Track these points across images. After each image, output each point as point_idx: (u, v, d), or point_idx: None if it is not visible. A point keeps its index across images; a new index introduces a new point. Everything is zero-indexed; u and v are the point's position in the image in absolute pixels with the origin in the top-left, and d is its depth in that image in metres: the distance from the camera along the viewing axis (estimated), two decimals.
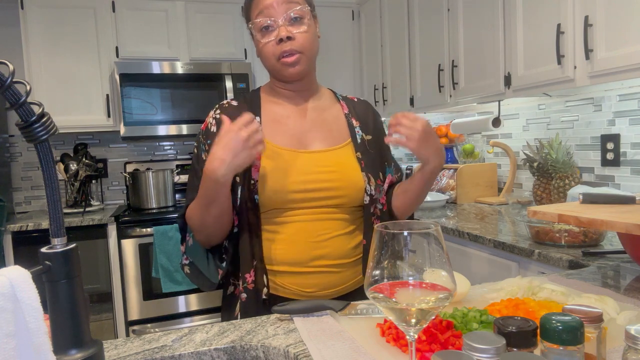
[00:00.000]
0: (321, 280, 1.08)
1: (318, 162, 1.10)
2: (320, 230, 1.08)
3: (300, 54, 1.09)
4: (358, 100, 1.27)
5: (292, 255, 1.07)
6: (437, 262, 0.54)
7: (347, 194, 1.10)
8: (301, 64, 1.10)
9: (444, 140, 3.07)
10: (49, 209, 0.54)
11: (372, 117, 1.24)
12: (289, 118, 1.15)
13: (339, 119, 1.19)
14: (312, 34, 1.12)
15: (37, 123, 0.51)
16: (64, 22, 3.08)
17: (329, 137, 1.15)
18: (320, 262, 1.08)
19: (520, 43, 2.07)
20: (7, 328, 0.46)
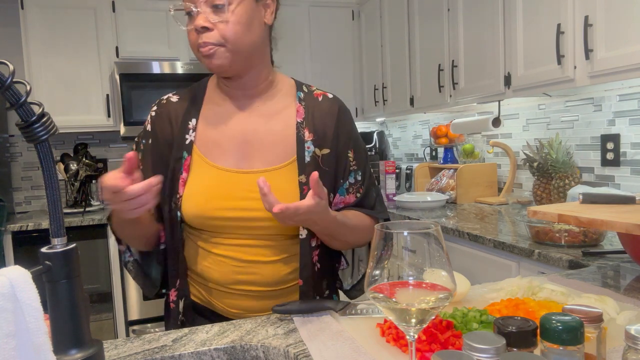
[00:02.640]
0: (247, 303, 0.99)
1: (250, 186, 0.95)
2: (247, 255, 0.97)
3: (219, 47, 0.92)
4: (323, 100, 1.05)
5: (217, 274, 0.99)
6: (437, 262, 0.54)
7: (277, 225, 0.95)
8: (221, 58, 0.93)
9: (444, 140, 3.07)
10: (49, 209, 0.54)
11: (336, 123, 1.03)
12: (227, 125, 1.01)
13: (287, 129, 1.01)
14: (243, 25, 0.92)
15: (37, 123, 0.51)
16: (64, 22, 3.08)
17: (270, 153, 0.99)
18: (244, 287, 0.98)
19: (520, 43, 2.07)
20: (7, 328, 0.46)
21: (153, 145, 1.03)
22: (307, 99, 1.05)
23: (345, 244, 1.05)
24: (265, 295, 1.00)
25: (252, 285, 0.99)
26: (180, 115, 1.03)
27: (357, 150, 1.07)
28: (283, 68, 1.12)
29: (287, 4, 3.52)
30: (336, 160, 1.03)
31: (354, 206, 1.06)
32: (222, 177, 0.98)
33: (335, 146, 1.02)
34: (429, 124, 3.46)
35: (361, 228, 1.03)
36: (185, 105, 1.04)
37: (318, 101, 1.05)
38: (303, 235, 0.97)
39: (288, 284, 1.01)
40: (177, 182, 0.98)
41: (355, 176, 1.05)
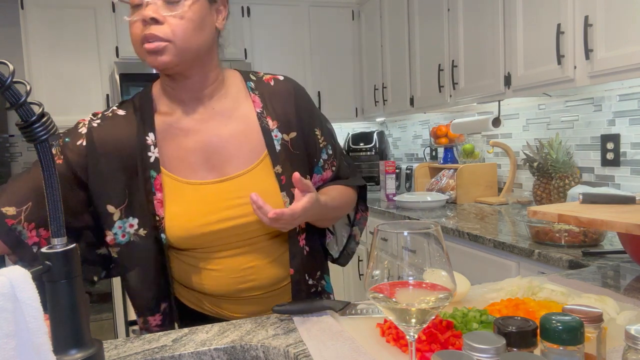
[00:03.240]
0: (256, 307, 0.99)
1: (229, 193, 0.93)
2: (243, 263, 0.95)
3: (168, 43, 0.85)
4: (275, 83, 1.02)
5: (219, 287, 0.96)
6: (437, 262, 0.54)
7: (264, 226, 0.93)
8: (167, 55, 0.86)
9: (444, 140, 3.07)
10: (49, 209, 0.54)
11: (294, 104, 1.01)
12: (188, 136, 0.95)
13: (249, 125, 0.98)
14: (195, 23, 0.87)
15: (37, 123, 0.51)
16: (64, 22, 3.08)
17: (239, 155, 0.96)
18: (249, 294, 0.98)
19: (520, 43, 2.07)
20: (7, 328, 0.46)
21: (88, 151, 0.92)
22: (259, 87, 1.01)
23: (333, 221, 1.07)
24: (271, 295, 1.00)
25: (254, 291, 0.98)
26: (133, 130, 0.94)
27: (322, 126, 1.06)
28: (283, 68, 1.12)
29: (287, 4, 3.54)
30: (305, 141, 1.01)
31: (330, 180, 1.07)
32: (199, 192, 0.93)
33: (300, 128, 1.01)
34: (429, 124, 3.46)
35: (345, 202, 1.04)
36: (135, 120, 0.95)
37: (270, 86, 1.02)
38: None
39: (287, 281, 1.01)
40: (151, 203, 0.92)
41: (326, 152, 1.06)
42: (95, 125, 0.94)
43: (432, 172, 3.13)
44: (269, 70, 1.11)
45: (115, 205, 0.92)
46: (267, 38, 3.51)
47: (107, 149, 0.92)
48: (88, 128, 0.94)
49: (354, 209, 1.16)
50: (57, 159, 0.91)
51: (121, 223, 0.92)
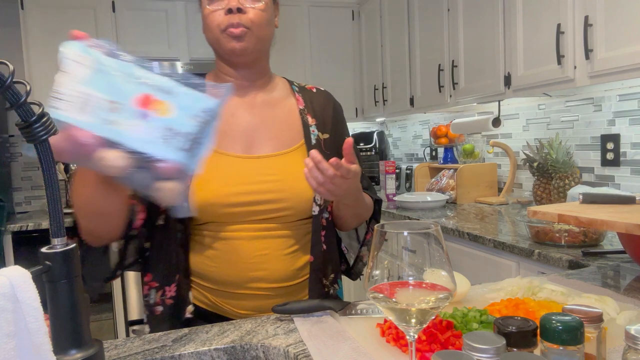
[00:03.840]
0: (258, 303, 0.98)
1: (262, 169, 0.98)
2: (258, 249, 0.97)
3: (249, 30, 0.96)
4: (317, 92, 1.14)
5: (224, 275, 0.97)
6: (437, 262, 0.54)
7: (292, 206, 0.98)
8: (247, 41, 0.97)
9: (444, 140, 3.07)
10: (49, 209, 0.54)
11: (332, 112, 1.12)
12: (234, 115, 1.03)
13: (292, 116, 1.07)
14: (268, 16, 0.99)
15: (37, 123, 0.51)
16: (64, 22, 3.08)
17: (278, 139, 1.03)
18: (256, 285, 0.97)
19: (520, 43, 2.07)
20: (7, 328, 0.46)
21: None
22: (302, 92, 1.13)
23: (355, 219, 1.10)
24: (276, 294, 0.99)
25: (263, 282, 0.98)
26: None
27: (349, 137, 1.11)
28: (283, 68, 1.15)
29: (287, 4, 3.53)
30: (336, 146, 1.08)
31: None
32: (234, 164, 0.98)
33: (333, 132, 1.10)
34: (429, 124, 3.46)
35: (368, 204, 1.11)
36: None
37: (313, 92, 1.14)
38: (315, 211, 1.02)
39: (297, 280, 1.01)
40: None
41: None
42: None
43: (432, 172, 3.13)
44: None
45: None
46: None
47: None
48: None
49: (365, 228, 1.17)
50: None
51: None
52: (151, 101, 0.52)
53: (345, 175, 0.86)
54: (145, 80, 0.53)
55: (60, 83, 0.52)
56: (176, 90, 0.53)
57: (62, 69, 0.52)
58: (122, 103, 0.51)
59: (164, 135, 0.51)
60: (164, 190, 0.53)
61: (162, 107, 0.52)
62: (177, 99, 0.53)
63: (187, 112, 0.53)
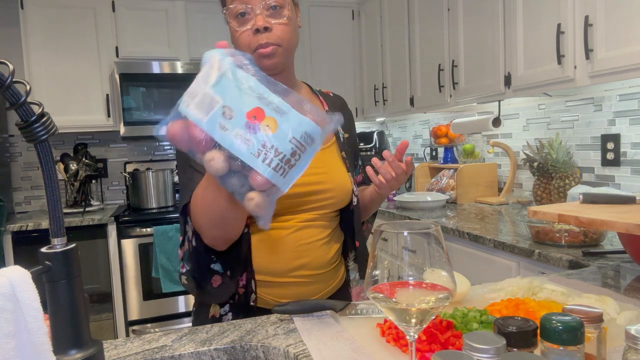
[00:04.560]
0: (297, 291, 1.04)
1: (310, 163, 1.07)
2: (302, 239, 1.04)
3: (278, 47, 1.00)
4: (334, 96, 1.24)
5: (273, 265, 1.02)
6: (437, 262, 0.54)
7: (336, 196, 1.07)
8: (278, 57, 1.01)
9: (444, 140, 3.07)
10: (49, 209, 0.54)
11: (348, 115, 1.24)
12: None
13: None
14: (292, 25, 1.02)
15: (37, 123, 0.51)
16: (64, 22, 3.08)
17: None
18: (299, 273, 1.03)
19: (520, 43, 2.07)
20: (7, 328, 0.46)
21: None
22: (322, 95, 1.21)
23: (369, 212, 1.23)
24: (314, 280, 1.06)
25: (305, 270, 1.04)
26: None
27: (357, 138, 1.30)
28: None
29: None
30: (352, 144, 1.22)
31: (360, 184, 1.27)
32: None
33: (350, 133, 1.22)
34: (429, 124, 3.46)
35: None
36: None
37: (330, 96, 1.23)
38: (355, 202, 1.11)
39: (330, 267, 1.09)
40: None
41: (360, 159, 1.28)
42: None
43: (432, 172, 3.13)
44: None
45: None
46: None
47: None
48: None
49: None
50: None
51: None
52: (262, 116, 0.56)
53: (408, 172, 1.03)
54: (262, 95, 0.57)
55: (196, 81, 0.58)
56: (287, 111, 0.57)
57: (201, 70, 0.59)
58: (236, 112, 0.56)
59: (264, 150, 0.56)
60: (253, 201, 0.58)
61: (270, 123, 0.56)
62: (285, 120, 0.57)
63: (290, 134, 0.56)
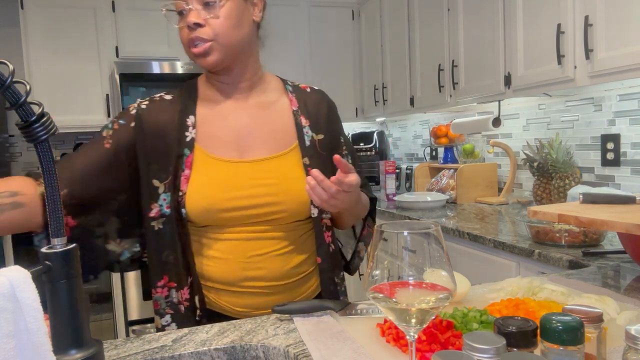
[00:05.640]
0: (254, 300, 1.00)
1: (256, 173, 0.99)
2: (253, 250, 0.99)
3: (212, 42, 0.95)
4: (311, 91, 1.13)
5: (222, 274, 0.99)
6: (437, 262, 0.54)
7: (287, 209, 0.99)
8: (214, 54, 0.96)
9: (444, 140, 3.07)
10: (49, 209, 0.54)
11: (326, 112, 1.11)
12: (226, 118, 1.03)
13: (285, 117, 1.06)
14: (234, 20, 0.96)
15: (37, 123, 0.51)
16: (64, 22, 3.08)
17: (272, 141, 1.03)
18: (252, 283, 0.99)
19: (520, 43, 2.07)
20: (7, 328, 0.46)
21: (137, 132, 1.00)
22: (296, 91, 1.11)
23: (353, 219, 1.12)
24: (273, 291, 1.01)
25: (260, 281, 0.99)
26: (176, 114, 1.02)
27: (345, 137, 1.17)
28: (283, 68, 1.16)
29: (287, 4, 3.53)
30: (331, 145, 1.09)
31: None
32: (229, 169, 0.99)
33: (328, 132, 1.10)
34: (429, 124, 3.46)
35: (365, 203, 1.12)
36: (180, 104, 1.04)
37: (307, 92, 1.12)
38: (315, 213, 1.02)
39: (294, 278, 1.02)
40: (178, 179, 0.98)
41: (347, 160, 1.13)
42: (143, 107, 1.02)
43: (432, 172, 3.13)
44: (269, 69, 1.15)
45: (160, 180, 0.98)
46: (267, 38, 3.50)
47: (153, 129, 1.00)
48: (137, 110, 1.02)
49: (361, 223, 1.20)
50: (105, 143, 0.99)
51: (166, 196, 0.98)
52: None
53: (347, 190, 0.89)
54: None
55: None
56: None
57: None
58: None
59: None
60: None
61: None
62: None
63: None
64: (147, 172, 0.99)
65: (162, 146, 0.99)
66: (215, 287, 1.01)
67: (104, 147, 0.99)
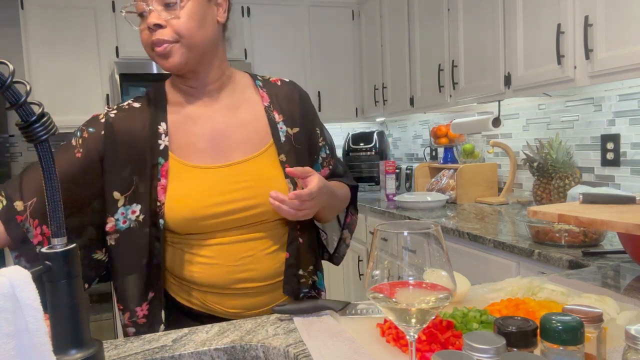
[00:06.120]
0: (246, 302, 1.00)
1: (233, 177, 0.98)
2: (241, 252, 0.98)
3: (174, 44, 0.93)
4: (282, 84, 1.11)
5: (212, 278, 0.98)
6: (437, 262, 0.54)
7: (267, 210, 0.97)
8: (176, 55, 0.93)
9: (444, 140, 3.07)
10: (48, 209, 0.54)
11: (299, 104, 1.09)
12: (197, 123, 1.01)
13: (257, 116, 1.05)
14: (197, 20, 0.94)
15: (37, 123, 0.51)
16: (64, 22, 3.08)
17: (246, 142, 1.02)
18: (243, 285, 0.99)
19: (520, 43, 2.07)
20: (7, 328, 0.46)
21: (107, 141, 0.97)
22: (266, 86, 1.09)
23: (332, 213, 1.11)
24: (263, 291, 1.01)
25: (250, 282, 0.99)
26: (146, 121, 0.99)
27: (321, 128, 1.15)
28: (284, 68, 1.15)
29: (287, 4, 3.54)
30: (307, 138, 1.09)
31: (327, 177, 1.13)
32: (206, 176, 0.98)
33: (303, 125, 1.08)
34: (429, 124, 3.46)
35: (344, 195, 1.12)
36: (149, 111, 1.01)
37: (277, 86, 1.10)
38: None
39: (279, 277, 1.02)
40: (154, 189, 0.95)
41: (325, 151, 1.14)
42: (112, 115, 1.00)
43: (432, 172, 3.13)
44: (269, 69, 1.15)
45: (121, 192, 0.96)
46: (267, 38, 3.50)
47: (122, 138, 0.97)
48: (106, 119, 0.99)
49: (345, 211, 1.20)
50: (76, 152, 0.96)
51: (124, 209, 0.96)
52: None
53: (309, 199, 0.91)
54: None
55: None
56: None
57: None
58: None
59: None
60: None
61: None
62: None
63: None
64: (110, 182, 0.96)
65: (135, 155, 0.97)
66: (206, 291, 1.00)
67: (75, 156, 0.95)
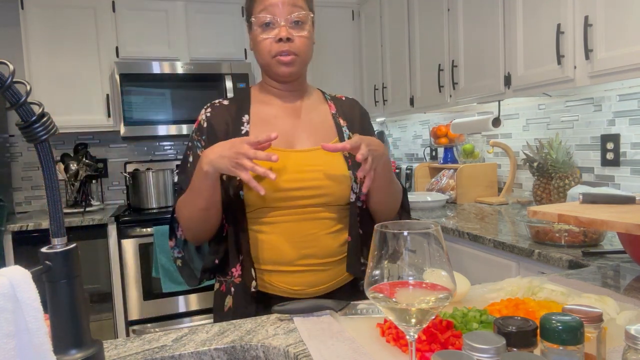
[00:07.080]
0: (308, 278, 1.10)
1: (305, 161, 1.12)
2: (306, 230, 1.10)
3: (296, 57, 1.12)
4: (346, 99, 1.30)
5: (279, 255, 1.10)
6: (437, 262, 0.54)
7: (332, 192, 1.11)
8: (295, 66, 1.13)
9: (444, 140, 3.08)
10: (49, 209, 0.54)
11: (359, 116, 1.27)
12: (277, 118, 1.19)
13: (326, 118, 1.22)
14: (310, 40, 1.15)
15: (37, 123, 0.51)
16: (64, 22, 3.08)
17: (316, 136, 1.17)
18: (307, 261, 1.10)
19: (520, 43, 2.07)
20: (7, 328, 0.46)
21: (211, 140, 1.14)
22: (333, 100, 1.28)
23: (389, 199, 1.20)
24: (325, 268, 1.11)
25: (314, 259, 1.10)
26: (233, 114, 1.17)
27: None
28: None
29: None
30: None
31: None
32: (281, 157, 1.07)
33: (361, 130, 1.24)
34: (429, 124, 3.46)
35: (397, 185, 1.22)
36: (236, 106, 1.19)
37: (342, 101, 1.29)
38: (352, 198, 1.14)
39: (341, 255, 1.14)
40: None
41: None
42: (208, 114, 1.19)
43: (432, 172, 3.13)
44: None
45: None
46: None
47: (217, 128, 1.16)
48: (205, 116, 1.18)
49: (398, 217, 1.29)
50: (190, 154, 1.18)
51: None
52: None
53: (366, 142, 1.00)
54: None
55: None
56: None
57: None
58: None
59: None
60: None
61: None
62: None
63: None
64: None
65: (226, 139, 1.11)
66: (271, 269, 1.10)
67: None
